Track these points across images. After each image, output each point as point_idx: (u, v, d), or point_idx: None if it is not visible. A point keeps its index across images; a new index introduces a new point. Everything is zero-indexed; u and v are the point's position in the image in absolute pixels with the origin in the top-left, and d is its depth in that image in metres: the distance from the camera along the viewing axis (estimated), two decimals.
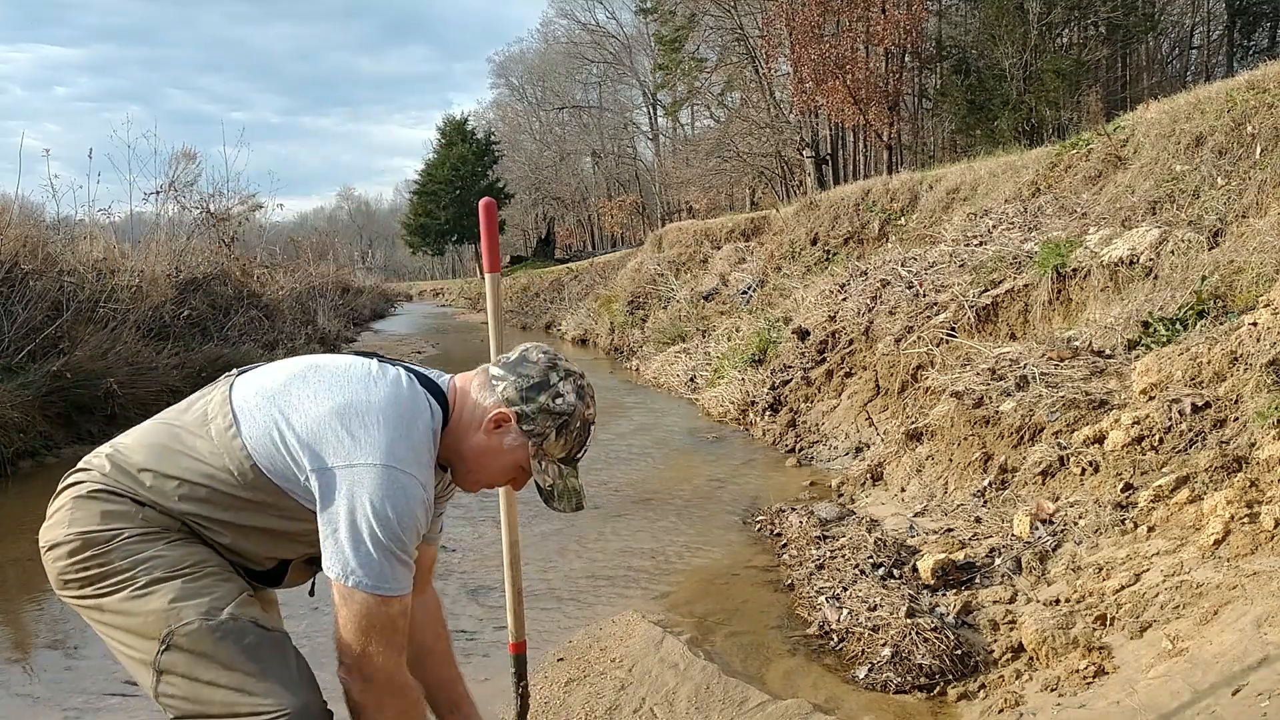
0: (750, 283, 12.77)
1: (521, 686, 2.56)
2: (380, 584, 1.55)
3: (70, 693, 3.26)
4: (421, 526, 1.62)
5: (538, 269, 33.21)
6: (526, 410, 1.70)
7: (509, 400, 1.70)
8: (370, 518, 1.55)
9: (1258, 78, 6.44)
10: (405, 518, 1.57)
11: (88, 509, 1.64)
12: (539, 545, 4.74)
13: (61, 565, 1.65)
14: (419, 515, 1.60)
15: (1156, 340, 4.71)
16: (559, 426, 1.70)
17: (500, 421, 1.69)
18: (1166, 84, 21.09)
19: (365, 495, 1.55)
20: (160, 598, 1.59)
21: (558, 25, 48.85)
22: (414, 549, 1.60)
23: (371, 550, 1.54)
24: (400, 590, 1.57)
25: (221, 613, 1.59)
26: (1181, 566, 3.06)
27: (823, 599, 3.68)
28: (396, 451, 1.59)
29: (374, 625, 1.55)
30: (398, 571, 1.57)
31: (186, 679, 1.57)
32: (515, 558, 2.49)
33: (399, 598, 1.57)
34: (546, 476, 1.71)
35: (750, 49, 27.79)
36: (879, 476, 5.40)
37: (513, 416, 1.69)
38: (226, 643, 1.58)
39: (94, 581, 1.63)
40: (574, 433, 1.72)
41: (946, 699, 2.94)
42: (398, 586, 1.57)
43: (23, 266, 8.18)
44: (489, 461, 1.72)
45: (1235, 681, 2.35)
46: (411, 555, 1.60)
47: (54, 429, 7.40)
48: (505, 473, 1.75)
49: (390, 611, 1.56)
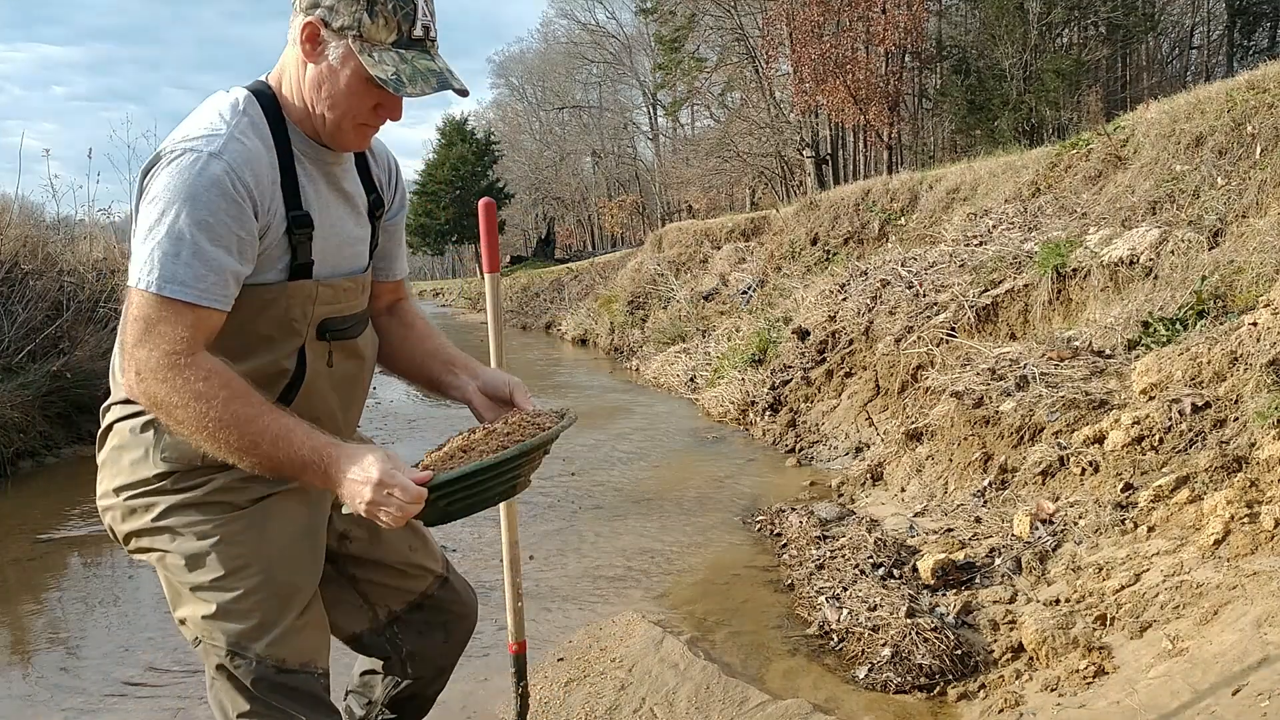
0: (750, 283, 12.77)
1: (521, 686, 2.56)
2: (162, 284, 1.39)
3: (70, 693, 3.26)
4: (226, 209, 1.43)
5: (538, 269, 33.20)
6: (325, 5, 1.49)
7: (307, 8, 1.50)
8: (157, 210, 1.41)
9: (1258, 78, 6.44)
10: (198, 198, 1.40)
11: None
12: (539, 545, 4.74)
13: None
14: (214, 198, 1.41)
15: (1156, 340, 4.71)
16: (368, 6, 1.48)
17: (311, 36, 1.50)
18: (1166, 84, 21.11)
19: (156, 188, 1.42)
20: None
21: (558, 25, 48.94)
22: (222, 239, 1.42)
23: (154, 246, 1.40)
24: (185, 292, 1.39)
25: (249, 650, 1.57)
26: (1181, 566, 3.06)
27: (823, 599, 3.68)
28: (185, 131, 1.47)
29: (144, 324, 1.41)
30: (183, 270, 1.39)
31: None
32: (515, 558, 2.49)
33: (178, 302, 1.40)
34: (386, 66, 1.49)
35: (750, 49, 27.82)
36: (879, 476, 5.40)
37: (319, 23, 1.49)
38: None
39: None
40: (388, 5, 1.49)
41: (946, 699, 2.94)
42: (187, 289, 1.39)
43: (23, 266, 8.17)
44: (329, 89, 1.52)
45: (1235, 681, 2.35)
46: (212, 249, 1.41)
47: (54, 429, 7.40)
48: (356, 95, 1.52)
49: (167, 315, 1.40)
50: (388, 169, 1.80)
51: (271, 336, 1.57)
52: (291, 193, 1.55)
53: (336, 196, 1.65)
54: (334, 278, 1.63)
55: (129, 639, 3.75)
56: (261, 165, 1.50)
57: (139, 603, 4.20)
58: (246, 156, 1.48)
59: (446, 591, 1.91)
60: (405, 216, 1.89)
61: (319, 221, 1.59)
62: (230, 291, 1.46)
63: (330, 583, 1.78)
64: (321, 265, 1.60)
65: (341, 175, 1.66)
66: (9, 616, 4.08)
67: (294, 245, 1.55)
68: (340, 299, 1.64)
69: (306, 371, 1.60)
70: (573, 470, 6.51)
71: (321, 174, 1.62)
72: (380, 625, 1.86)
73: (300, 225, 1.55)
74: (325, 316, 1.61)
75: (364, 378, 1.69)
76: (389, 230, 1.81)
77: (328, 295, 1.61)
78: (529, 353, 16.51)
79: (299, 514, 1.67)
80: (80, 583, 4.60)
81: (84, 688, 3.30)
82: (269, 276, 1.54)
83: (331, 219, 1.62)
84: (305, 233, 1.56)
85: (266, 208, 1.50)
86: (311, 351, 1.61)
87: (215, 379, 1.41)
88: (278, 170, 1.53)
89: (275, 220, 1.52)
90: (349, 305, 1.67)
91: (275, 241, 1.53)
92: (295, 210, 1.54)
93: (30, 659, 3.63)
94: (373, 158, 1.76)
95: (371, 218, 1.73)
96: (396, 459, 1.39)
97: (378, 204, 1.74)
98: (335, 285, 1.63)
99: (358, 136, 1.59)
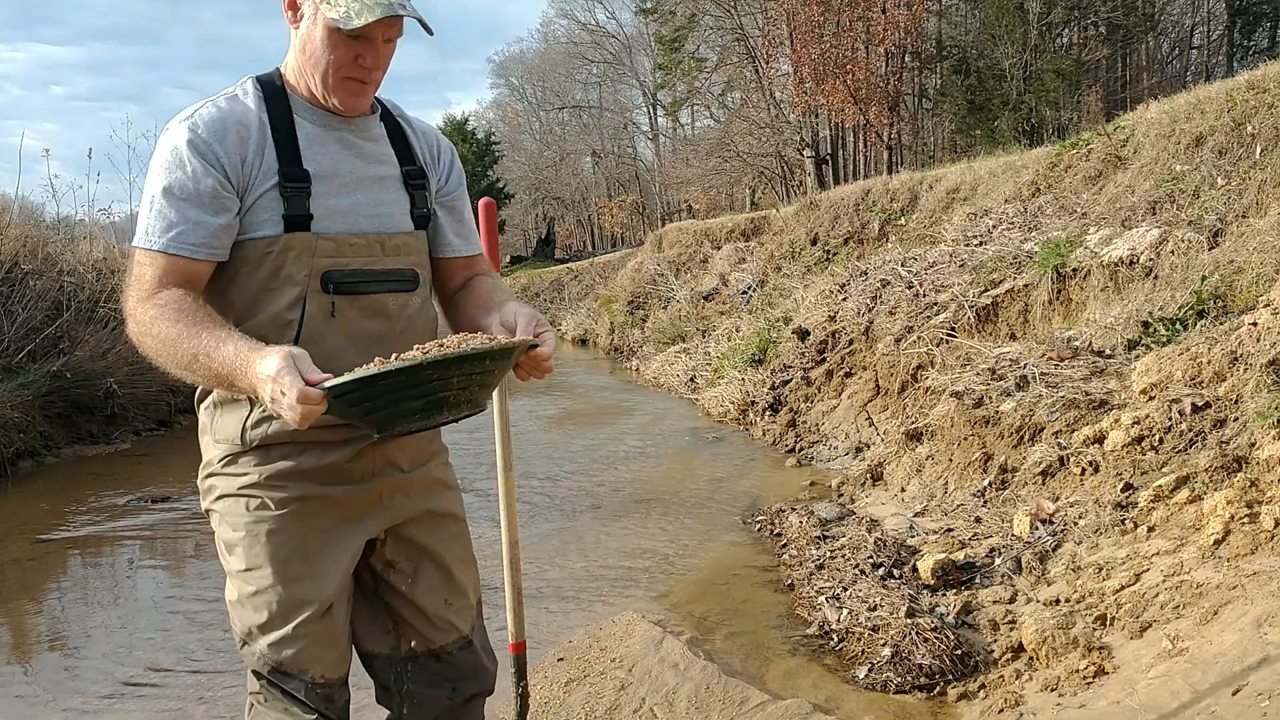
0: (750, 283, 12.77)
1: (521, 686, 2.56)
2: (139, 239, 1.57)
3: (70, 693, 3.26)
4: (186, 165, 1.56)
5: (538, 269, 33.19)
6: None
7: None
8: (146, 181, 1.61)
9: (1258, 78, 6.44)
10: (161, 161, 1.57)
11: None
12: (539, 545, 4.74)
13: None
14: (177, 159, 1.56)
15: (1156, 340, 4.71)
16: None
17: (290, 3, 1.64)
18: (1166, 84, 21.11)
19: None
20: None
21: (558, 25, 48.89)
22: (185, 192, 1.56)
23: (145, 209, 1.59)
24: (152, 242, 1.55)
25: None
26: (1181, 566, 3.06)
27: (823, 599, 3.68)
28: (182, 113, 1.62)
29: (130, 275, 1.59)
30: (154, 224, 1.56)
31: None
32: (515, 558, 2.49)
33: (149, 251, 1.55)
34: (339, 7, 1.57)
35: (750, 49, 27.81)
36: (879, 476, 5.40)
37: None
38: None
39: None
40: None
41: (946, 699, 2.94)
42: (154, 239, 1.55)
43: (23, 266, 8.18)
44: (310, 49, 1.62)
45: (1235, 681, 2.35)
46: (177, 202, 1.55)
47: (54, 429, 7.40)
48: (329, 47, 1.61)
49: (141, 262, 1.56)
50: (435, 147, 1.87)
51: (272, 288, 1.63)
52: (288, 151, 1.63)
53: (353, 160, 1.71)
54: (341, 233, 1.67)
55: (129, 639, 3.76)
56: (238, 125, 1.61)
57: (139, 603, 4.20)
58: (217, 118, 1.60)
59: (466, 655, 1.90)
60: (466, 198, 1.94)
61: (324, 180, 1.66)
62: (200, 238, 1.56)
63: (367, 602, 1.84)
64: (329, 220, 1.66)
65: (362, 142, 1.73)
66: (9, 616, 4.08)
67: (286, 199, 1.62)
68: (347, 253, 1.67)
69: (303, 320, 1.64)
70: (573, 470, 6.51)
71: (333, 138, 1.69)
72: (398, 657, 1.86)
73: (292, 180, 1.62)
74: (328, 269, 1.65)
75: (397, 341, 1.66)
76: (447, 207, 1.87)
77: (329, 249, 1.65)
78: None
79: (325, 529, 1.70)
80: (80, 583, 4.60)
81: (84, 688, 3.30)
82: (266, 230, 1.62)
83: (343, 179, 1.69)
84: (299, 187, 1.63)
85: (245, 163, 1.60)
86: (313, 302, 1.65)
87: (167, 308, 1.52)
88: (268, 130, 1.63)
89: (261, 175, 1.61)
90: (362, 261, 1.69)
91: (265, 194, 1.61)
92: (289, 166, 1.63)
93: (30, 659, 3.63)
94: (414, 133, 1.83)
95: (410, 188, 1.78)
96: (301, 359, 1.39)
97: (416, 174, 1.79)
98: (339, 239, 1.67)
99: (349, 91, 1.66)
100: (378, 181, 1.74)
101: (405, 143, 1.81)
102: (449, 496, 1.90)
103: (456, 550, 1.89)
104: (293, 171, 1.62)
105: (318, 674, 1.70)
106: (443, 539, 1.86)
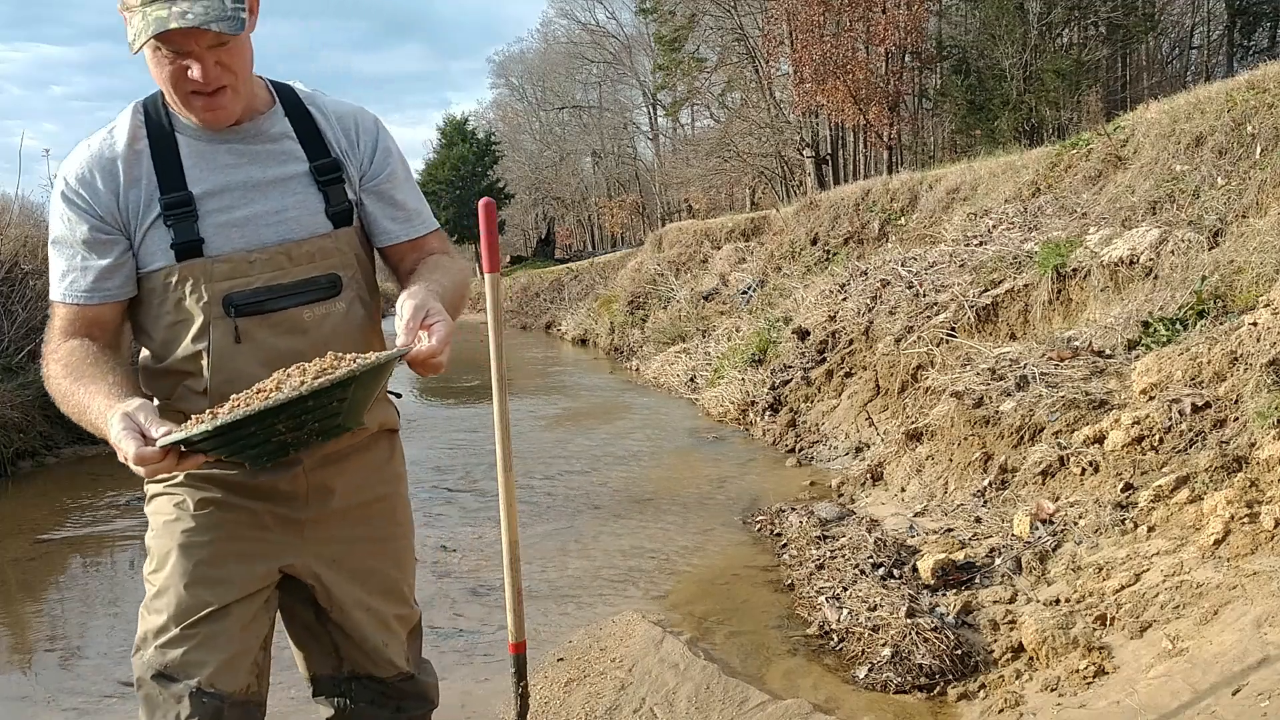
0: (750, 283, 12.77)
1: (521, 686, 2.56)
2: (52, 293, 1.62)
3: (70, 693, 3.26)
4: (65, 216, 1.58)
5: (538, 269, 33.19)
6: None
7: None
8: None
9: (1258, 78, 6.44)
10: (51, 216, 1.63)
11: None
12: (539, 545, 4.74)
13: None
14: (57, 212, 1.60)
15: (1156, 340, 4.71)
16: None
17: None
18: (1166, 84, 21.10)
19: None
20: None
21: (557, 25, 48.86)
22: (67, 242, 1.59)
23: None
24: (53, 293, 1.61)
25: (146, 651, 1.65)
26: (1181, 566, 3.06)
27: (823, 599, 3.68)
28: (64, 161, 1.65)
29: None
30: (52, 275, 1.62)
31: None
32: (515, 558, 2.49)
33: (53, 302, 1.61)
34: (134, 27, 1.47)
35: (750, 49, 27.81)
36: (879, 476, 5.40)
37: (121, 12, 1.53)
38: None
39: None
40: None
41: (946, 699, 2.94)
42: (54, 289, 1.61)
43: (23, 266, 8.18)
44: (150, 69, 1.54)
45: (1235, 681, 2.35)
46: (66, 252, 1.59)
47: (54, 429, 7.40)
48: (158, 64, 1.51)
49: (51, 314, 1.62)
50: (352, 130, 1.73)
51: (179, 320, 1.60)
52: (170, 175, 1.58)
53: (247, 168, 1.62)
54: (239, 251, 1.60)
55: (129, 639, 3.74)
56: (106, 165, 1.58)
57: (139, 603, 4.20)
58: (84, 163, 1.59)
59: (410, 685, 1.89)
60: (399, 177, 1.78)
61: (213, 196, 1.59)
62: (88, 283, 1.58)
63: (309, 628, 1.81)
64: (222, 240, 1.59)
65: (256, 146, 1.64)
66: (9, 616, 4.08)
67: (170, 227, 1.57)
68: (247, 272, 1.60)
69: (210, 350, 1.59)
70: (573, 470, 6.51)
71: (222, 149, 1.61)
72: (341, 677, 1.84)
73: (174, 206, 1.57)
74: (227, 292, 1.59)
75: (317, 355, 1.50)
76: (374, 193, 1.74)
77: (224, 271, 1.58)
78: (529, 352, 16.53)
79: (239, 538, 1.65)
80: (80, 583, 4.60)
81: (84, 688, 3.30)
82: (159, 261, 1.58)
83: (235, 192, 1.61)
84: (183, 212, 1.57)
85: (119, 199, 1.58)
86: (217, 330, 1.58)
87: (61, 361, 1.55)
88: (147, 160, 1.59)
89: (141, 208, 1.58)
90: (267, 277, 1.61)
91: (152, 225, 1.58)
92: (171, 192, 1.58)
93: (30, 659, 3.63)
94: (326, 119, 1.71)
95: (322, 184, 1.67)
96: (141, 413, 1.36)
97: (329, 167, 1.68)
98: (235, 259, 1.59)
99: (201, 106, 1.55)
100: (279, 185, 1.64)
101: (316, 133, 1.69)
102: (385, 521, 1.83)
103: (387, 582, 1.83)
104: (174, 197, 1.57)
105: (204, 680, 1.58)
106: (372, 577, 1.80)
